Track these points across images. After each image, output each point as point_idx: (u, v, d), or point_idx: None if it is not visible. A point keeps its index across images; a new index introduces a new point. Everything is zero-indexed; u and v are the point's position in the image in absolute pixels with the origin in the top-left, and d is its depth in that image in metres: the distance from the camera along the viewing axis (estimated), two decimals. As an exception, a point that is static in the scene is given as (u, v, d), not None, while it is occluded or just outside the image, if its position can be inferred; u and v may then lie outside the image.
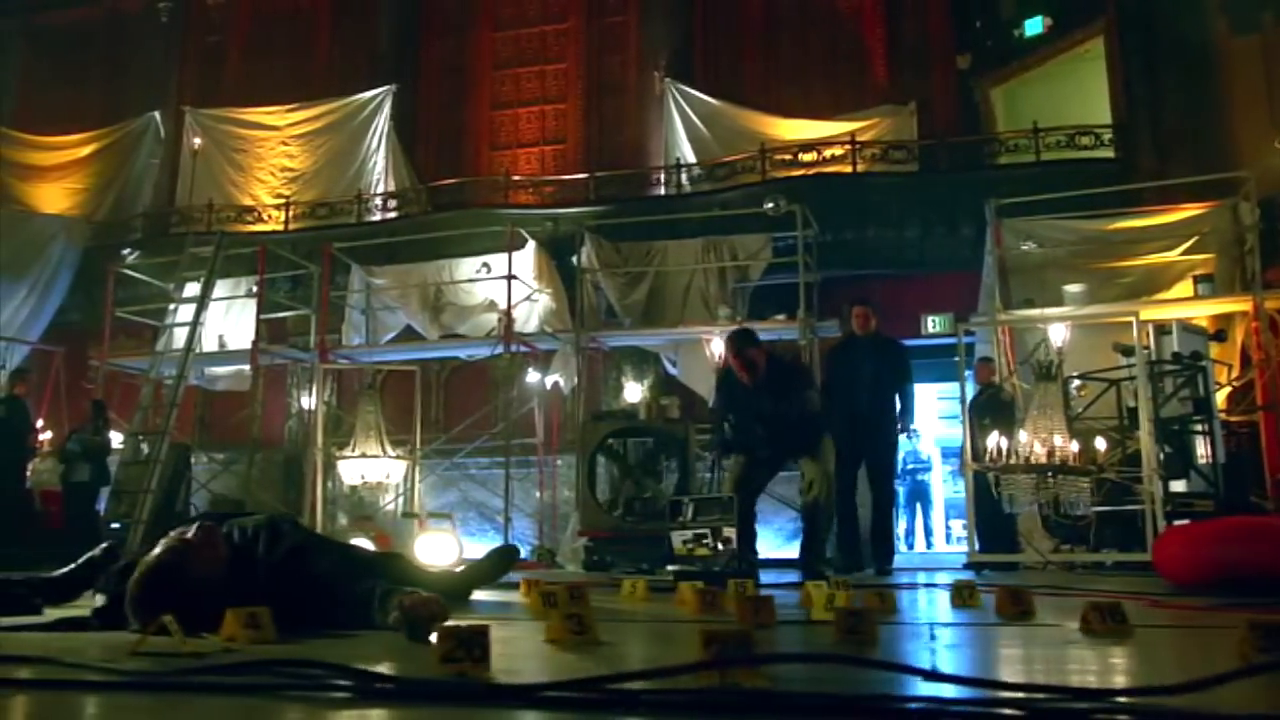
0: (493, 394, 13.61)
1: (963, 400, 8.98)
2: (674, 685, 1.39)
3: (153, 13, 18.86)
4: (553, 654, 1.99)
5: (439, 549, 7.32)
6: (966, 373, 9.00)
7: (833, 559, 7.43)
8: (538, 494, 12.63)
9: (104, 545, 3.95)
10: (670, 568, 5.27)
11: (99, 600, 2.74)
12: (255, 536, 2.81)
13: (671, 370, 13.11)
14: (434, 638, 2.34)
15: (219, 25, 18.85)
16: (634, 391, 13.34)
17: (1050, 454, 7.55)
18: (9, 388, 11.80)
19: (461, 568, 4.47)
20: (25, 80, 19.55)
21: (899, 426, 8.01)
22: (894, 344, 8.29)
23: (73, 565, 3.96)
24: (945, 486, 16.48)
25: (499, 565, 4.31)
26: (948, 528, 18.50)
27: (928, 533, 16.00)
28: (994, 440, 7.60)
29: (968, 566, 8.60)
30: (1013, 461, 7.62)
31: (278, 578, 2.69)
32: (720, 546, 5.29)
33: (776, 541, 10.66)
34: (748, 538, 5.91)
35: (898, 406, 7.96)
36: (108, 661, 1.80)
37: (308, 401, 14.40)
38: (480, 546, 8.64)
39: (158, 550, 2.58)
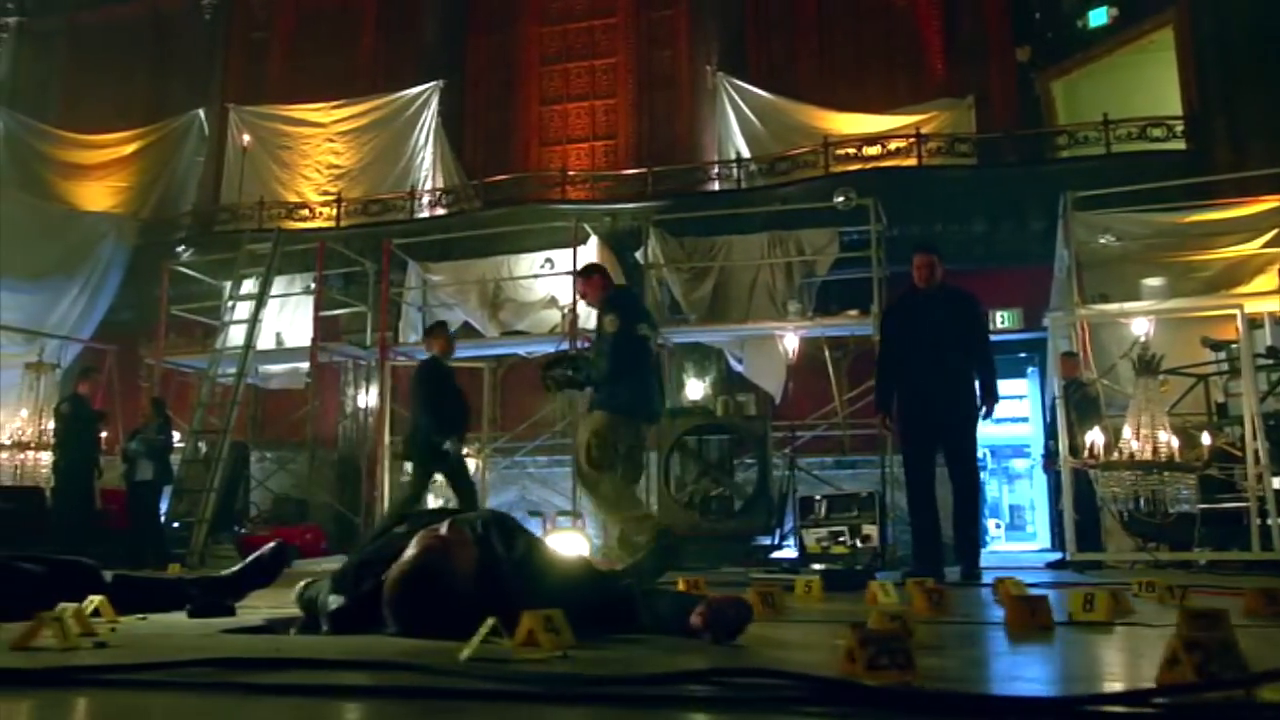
0: (551, 391, 13.44)
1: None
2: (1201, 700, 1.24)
3: (196, 9, 18.80)
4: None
5: (569, 549, 7.15)
6: (1032, 370, 8.83)
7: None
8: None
9: (272, 546, 3.83)
10: (816, 566, 5.11)
11: (333, 602, 2.60)
12: (488, 534, 2.67)
13: (737, 367, 12.94)
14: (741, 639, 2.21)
15: (263, 21, 18.74)
16: (696, 389, 13.20)
17: (1155, 450, 7.39)
18: (74, 386, 11.68)
19: (622, 565, 4.33)
20: (68, 78, 19.53)
21: (983, 411, 6.24)
22: (967, 298, 6.49)
23: (240, 566, 3.85)
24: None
25: (662, 562, 4.18)
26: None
27: (983, 530, 15.84)
28: (1093, 436, 7.44)
29: (1053, 565, 8.43)
30: (1114, 458, 7.48)
31: (523, 576, 2.55)
32: (859, 544, 5.16)
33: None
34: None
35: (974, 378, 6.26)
36: (466, 669, 1.65)
37: (363, 399, 14.30)
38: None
39: (413, 550, 2.45)
